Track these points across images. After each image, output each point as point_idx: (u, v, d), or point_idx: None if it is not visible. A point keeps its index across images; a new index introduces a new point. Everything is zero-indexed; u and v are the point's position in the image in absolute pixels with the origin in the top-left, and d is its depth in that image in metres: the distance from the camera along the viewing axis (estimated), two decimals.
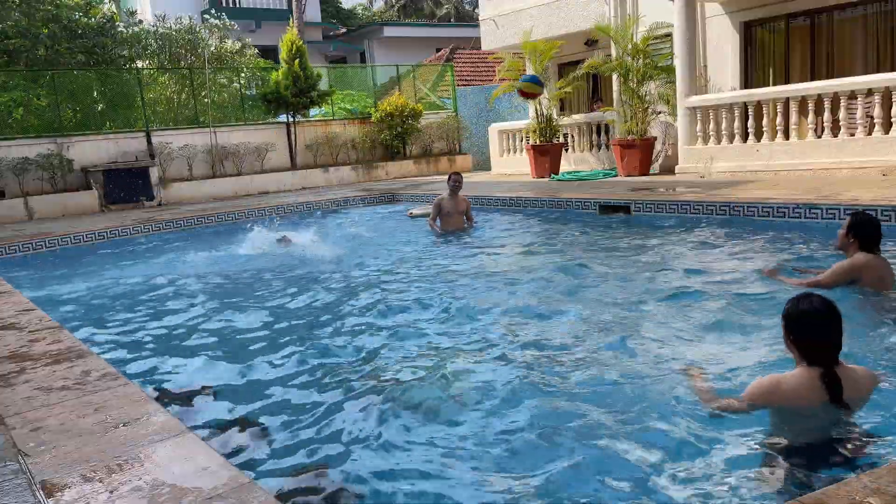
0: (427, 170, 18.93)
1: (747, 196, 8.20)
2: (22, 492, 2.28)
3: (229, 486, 2.19)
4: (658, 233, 7.95)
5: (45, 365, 3.65)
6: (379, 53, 30.58)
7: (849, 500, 1.83)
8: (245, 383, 4.12)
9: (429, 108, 20.29)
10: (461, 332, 4.76)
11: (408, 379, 3.89)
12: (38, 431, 2.74)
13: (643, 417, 3.16)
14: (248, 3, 28.57)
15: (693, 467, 2.73)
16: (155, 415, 2.86)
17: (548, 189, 11.70)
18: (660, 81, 12.61)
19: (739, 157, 10.94)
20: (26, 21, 15.36)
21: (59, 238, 10.06)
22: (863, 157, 9.52)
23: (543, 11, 15.05)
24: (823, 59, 11.67)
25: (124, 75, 16.62)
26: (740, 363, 3.71)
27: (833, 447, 2.73)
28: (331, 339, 4.87)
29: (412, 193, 13.39)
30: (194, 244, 10.05)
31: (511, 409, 3.39)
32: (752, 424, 2.95)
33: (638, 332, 4.42)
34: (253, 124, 17.27)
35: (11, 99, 14.65)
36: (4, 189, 13.71)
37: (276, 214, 12.00)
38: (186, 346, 4.95)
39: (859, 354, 3.49)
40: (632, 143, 12.55)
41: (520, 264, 7.01)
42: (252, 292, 6.63)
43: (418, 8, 39.75)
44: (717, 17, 12.50)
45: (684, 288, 5.44)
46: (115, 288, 7.32)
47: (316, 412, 3.55)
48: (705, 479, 2.65)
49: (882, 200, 6.87)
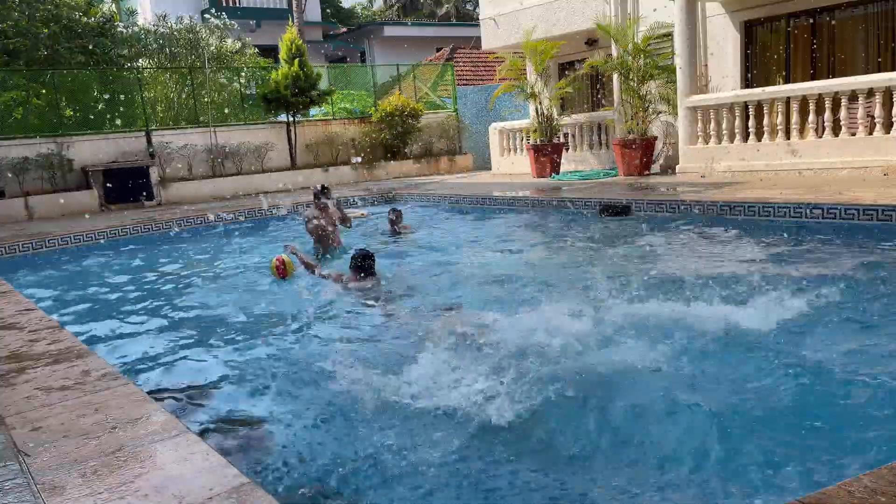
0: (427, 169, 18.92)
1: (748, 196, 8.19)
2: (22, 492, 2.28)
3: (229, 486, 2.19)
4: (658, 233, 7.95)
5: (45, 365, 3.65)
6: (379, 53, 30.56)
7: (849, 500, 1.82)
8: (246, 383, 4.12)
9: (429, 107, 20.28)
10: (462, 332, 4.74)
11: (409, 380, 3.89)
12: (38, 431, 2.74)
13: (643, 417, 3.15)
14: (248, 3, 28.55)
15: (693, 467, 2.73)
16: (155, 414, 2.86)
17: (548, 189, 11.69)
18: (660, 81, 12.60)
19: (740, 157, 10.93)
20: (26, 21, 15.35)
21: (59, 238, 10.06)
22: (864, 157, 9.52)
23: (544, 11, 15.03)
24: (824, 58, 11.65)
25: (124, 75, 16.61)
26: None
27: (833, 448, 2.73)
28: (332, 339, 4.87)
29: (412, 193, 13.39)
30: (194, 244, 10.05)
31: (514, 409, 3.38)
32: (752, 424, 2.95)
33: (637, 332, 4.41)
34: (253, 124, 17.27)
35: (11, 98, 14.66)
36: (4, 189, 13.70)
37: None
38: (187, 346, 4.94)
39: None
40: (632, 143, 12.54)
41: (519, 264, 7.00)
42: (252, 292, 6.62)
43: (418, 7, 39.73)
44: (718, 16, 12.49)
45: (684, 288, 5.43)
46: (115, 287, 7.32)
47: (316, 412, 3.54)
48: (705, 478, 2.64)
49: (883, 200, 6.86)
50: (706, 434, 2.96)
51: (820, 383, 3.40)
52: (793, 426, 3.00)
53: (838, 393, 3.29)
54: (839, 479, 1.94)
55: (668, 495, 2.58)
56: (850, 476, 1.97)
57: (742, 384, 3.46)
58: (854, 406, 3.13)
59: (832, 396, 3.26)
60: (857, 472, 2.06)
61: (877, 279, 5.20)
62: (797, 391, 3.32)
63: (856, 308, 4.53)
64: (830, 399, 3.24)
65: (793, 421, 3.05)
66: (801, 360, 3.71)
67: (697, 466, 2.75)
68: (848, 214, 6.87)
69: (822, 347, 3.91)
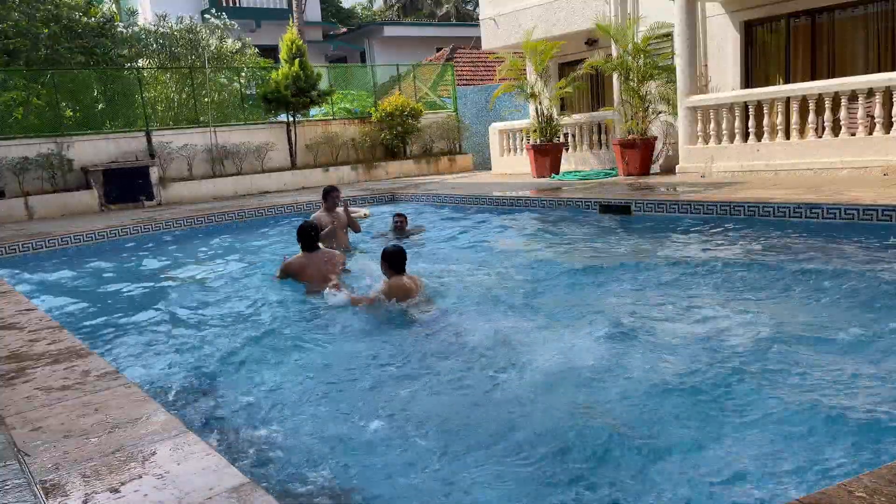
0: (427, 169, 18.92)
1: (748, 196, 8.19)
2: (22, 492, 2.28)
3: (229, 485, 2.19)
4: (658, 233, 7.95)
5: (45, 365, 3.65)
6: (379, 53, 30.57)
7: (849, 500, 1.82)
8: (246, 383, 4.12)
9: (429, 107, 20.27)
10: (462, 334, 4.75)
11: (411, 381, 3.89)
12: (38, 431, 2.74)
13: (642, 417, 3.16)
14: (248, 3, 28.56)
15: (693, 468, 2.73)
16: (155, 414, 2.86)
17: (548, 189, 11.69)
18: (660, 81, 12.60)
19: (740, 157, 10.94)
20: (26, 21, 15.35)
21: (58, 238, 10.05)
22: (864, 157, 9.52)
23: (544, 11, 15.04)
24: (824, 58, 11.65)
25: (124, 75, 16.61)
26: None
27: (833, 446, 2.73)
28: (333, 340, 4.87)
29: (412, 193, 13.39)
30: (194, 243, 10.05)
31: (516, 408, 3.38)
32: (752, 423, 2.95)
33: (636, 332, 4.41)
34: (253, 124, 17.26)
35: (11, 98, 14.65)
36: (4, 189, 13.70)
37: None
38: (187, 346, 4.94)
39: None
40: (632, 143, 12.54)
41: (519, 264, 7.00)
42: (252, 292, 6.62)
43: (418, 7, 39.74)
44: (718, 16, 12.50)
45: (684, 288, 5.43)
46: (115, 287, 7.33)
47: (317, 412, 3.54)
48: (705, 479, 2.65)
49: (883, 200, 6.86)
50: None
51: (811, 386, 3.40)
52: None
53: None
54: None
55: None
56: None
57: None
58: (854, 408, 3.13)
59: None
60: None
61: (876, 279, 5.20)
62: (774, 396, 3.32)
63: (854, 308, 4.53)
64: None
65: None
66: (800, 359, 3.71)
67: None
68: (848, 214, 6.87)
69: (821, 345, 3.91)
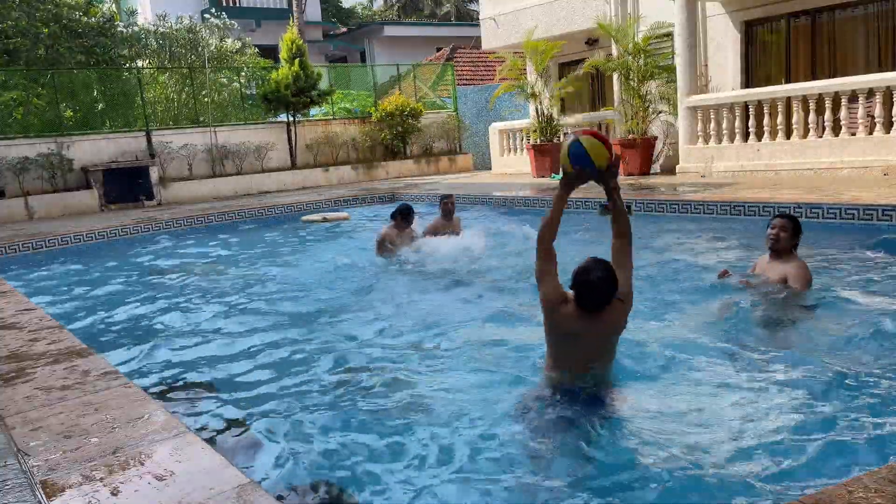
0: (427, 169, 18.93)
1: (748, 196, 8.19)
2: (22, 492, 2.28)
3: (229, 486, 2.19)
4: (658, 232, 7.94)
5: (45, 365, 3.65)
6: (379, 53, 30.56)
7: (849, 500, 1.82)
8: (247, 383, 4.12)
9: (429, 107, 20.27)
10: (462, 335, 4.75)
11: (412, 382, 3.89)
12: (38, 431, 2.74)
13: (641, 416, 3.15)
14: (248, 3, 28.54)
15: (692, 468, 2.73)
16: (155, 414, 2.86)
17: (548, 188, 11.69)
18: (661, 81, 12.60)
19: (740, 157, 10.93)
20: (26, 21, 15.35)
21: (59, 238, 10.06)
22: (864, 157, 9.51)
23: (544, 10, 15.03)
24: (824, 58, 11.65)
25: (124, 75, 16.61)
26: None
27: (833, 446, 2.73)
28: (334, 340, 4.86)
29: (412, 193, 13.39)
30: (193, 243, 10.05)
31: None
32: (753, 425, 2.95)
33: (635, 331, 4.41)
34: (253, 124, 17.26)
35: (11, 98, 14.65)
36: (4, 189, 13.70)
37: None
38: (187, 346, 4.94)
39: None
40: (633, 143, 12.54)
41: (519, 264, 6.99)
42: (252, 292, 6.62)
43: (418, 7, 39.74)
44: (718, 16, 12.49)
45: (684, 288, 5.43)
46: (115, 287, 7.32)
47: (317, 413, 3.54)
48: (705, 479, 2.65)
49: (883, 200, 6.87)
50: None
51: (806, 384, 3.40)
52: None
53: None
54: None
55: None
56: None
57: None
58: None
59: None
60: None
61: (876, 278, 5.20)
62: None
63: (854, 307, 4.53)
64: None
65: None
66: (794, 357, 3.71)
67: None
68: (848, 214, 6.88)
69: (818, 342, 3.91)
